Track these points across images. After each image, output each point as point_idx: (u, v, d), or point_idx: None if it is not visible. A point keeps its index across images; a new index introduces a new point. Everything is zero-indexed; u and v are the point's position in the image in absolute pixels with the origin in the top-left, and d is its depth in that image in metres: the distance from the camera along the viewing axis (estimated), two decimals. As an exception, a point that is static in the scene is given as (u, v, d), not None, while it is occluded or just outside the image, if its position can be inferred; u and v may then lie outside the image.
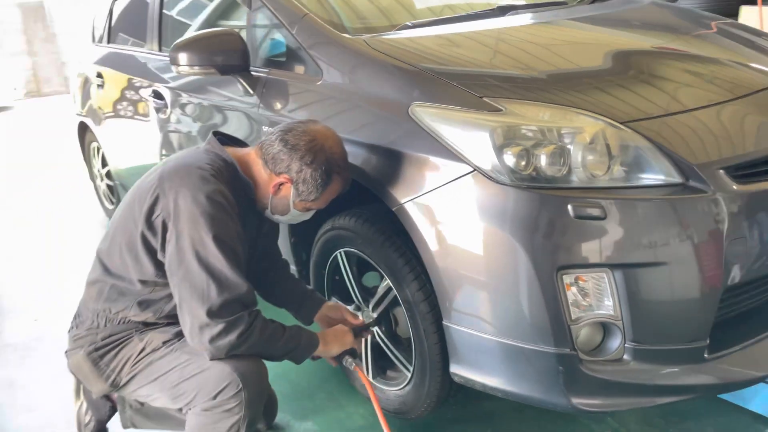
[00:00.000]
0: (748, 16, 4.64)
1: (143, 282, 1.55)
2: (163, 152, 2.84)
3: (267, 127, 2.02)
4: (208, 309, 1.43)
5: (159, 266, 1.52)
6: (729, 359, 1.47)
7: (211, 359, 1.50)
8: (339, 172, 1.61)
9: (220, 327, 1.44)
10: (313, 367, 2.33)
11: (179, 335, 1.57)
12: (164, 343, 1.58)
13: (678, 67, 1.76)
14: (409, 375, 1.84)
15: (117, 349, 1.59)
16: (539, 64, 1.75)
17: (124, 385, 1.61)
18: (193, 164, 1.53)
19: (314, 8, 2.06)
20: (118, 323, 1.60)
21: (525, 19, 2.15)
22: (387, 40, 1.89)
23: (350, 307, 2.00)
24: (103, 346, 1.60)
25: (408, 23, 2.03)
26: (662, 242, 1.38)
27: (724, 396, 1.96)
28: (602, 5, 2.39)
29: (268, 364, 1.60)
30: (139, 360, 1.57)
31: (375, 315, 1.91)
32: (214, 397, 1.48)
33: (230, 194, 1.52)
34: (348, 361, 1.75)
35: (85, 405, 1.92)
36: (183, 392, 1.52)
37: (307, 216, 1.72)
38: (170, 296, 1.53)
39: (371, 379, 2.00)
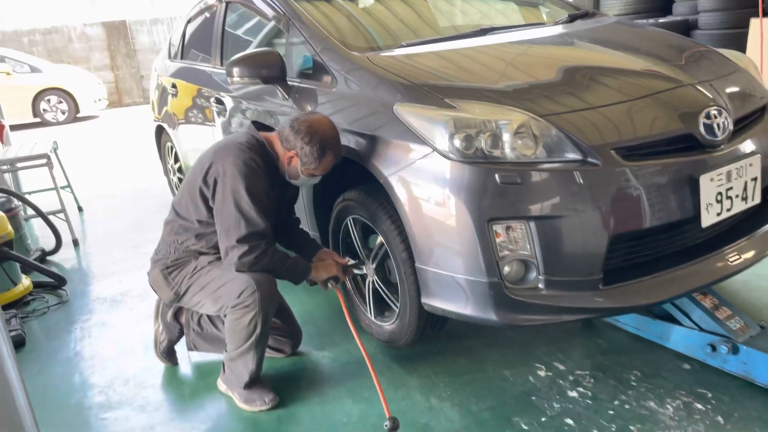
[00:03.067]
0: (755, 27, 4.98)
1: (200, 221, 2.27)
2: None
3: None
4: (238, 237, 2.13)
5: (210, 210, 2.23)
6: (619, 290, 1.98)
7: (237, 272, 2.17)
8: (331, 148, 2.23)
9: (244, 249, 2.13)
10: (332, 315, 2.95)
11: (219, 258, 2.24)
12: (209, 263, 2.26)
13: (601, 77, 2.27)
14: (397, 311, 2.41)
15: (180, 268, 2.29)
16: (496, 75, 2.31)
17: (183, 294, 2.28)
18: (235, 141, 2.24)
19: (333, 32, 2.68)
20: (183, 251, 2.30)
21: (501, 38, 2.69)
22: (384, 56, 2.48)
23: (355, 261, 2.60)
24: (172, 265, 2.31)
25: (403, 43, 2.62)
26: (563, 201, 1.91)
27: (647, 335, 2.44)
28: (572, 25, 2.91)
29: (299, 318, 2.35)
30: (193, 275, 2.27)
31: (361, 260, 2.55)
32: (238, 296, 2.14)
33: (261, 162, 2.20)
34: (332, 283, 2.37)
35: (161, 327, 2.60)
36: (220, 295, 2.18)
37: (314, 181, 2.38)
38: (216, 232, 2.20)
39: (373, 318, 2.58)
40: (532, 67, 2.38)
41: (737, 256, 2.16)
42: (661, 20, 6.63)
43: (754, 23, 5.01)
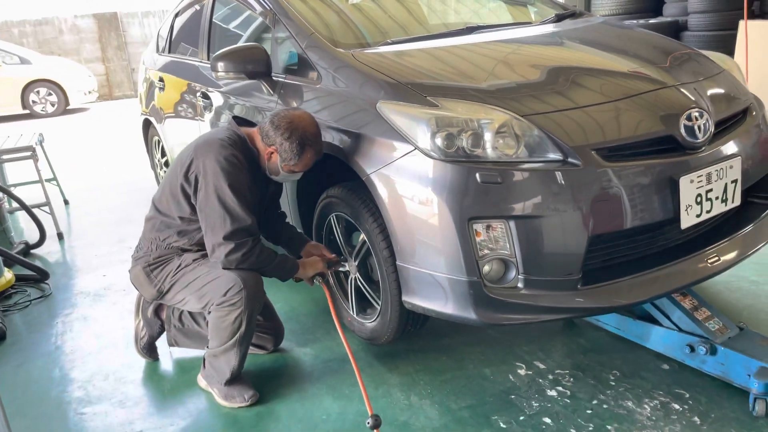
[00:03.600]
0: (743, 30, 5.00)
1: (182, 218, 2.25)
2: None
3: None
4: (224, 234, 2.11)
5: (192, 207, 2.20)
6: (599, 290, 1.98)
7: (224, 269, 2.14)
8: (311, 145, 2.22)
9: (231, 246, 2.12)
10: (316, 311, 2.94)
11: (204, 256, 2.22)
12: (194, 260, 2.24)
13: (584, 77, 2.27)
14: (379, 309, 2.41)
15: (163, 266, 2.27)
16: (480, 74, 2.30)
17: (167, 291, 2.26)
18: (215, 138, 2.22)
19: (320, 28, 2.67)
20: (165, 248, 2.28)
21: (487, 37, 2.69)
22: (368, 53, 2.48)
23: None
24: (154, 263, 2.28)
25: (388, 40, 2.62)
26: (543, 201, 1.91)
27: (627, 335, 2.46)
28: (559, 25, 2.91)
29: (282, 314, 2.30)
30: (177, 272, 2.24)
31: (344, 257, 2.54)
32: (224, 294, 2.12)
33: (243, 158, 2.18)
34: (318, 279, 2.37)
35: (142, 322, 2.59)
36: (205, 293, 2.16)
37: (295, 177, 2.36)
38: (199, 229, 2.19)
39: (355, 315, 2.58)
40: (517, 66, 2.38)
41: (717, 258, 2.17)
42: (652, 21, 6.66)
43: (742, 25, 5.03)
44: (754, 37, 4.84)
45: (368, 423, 1.98)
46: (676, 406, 2.10)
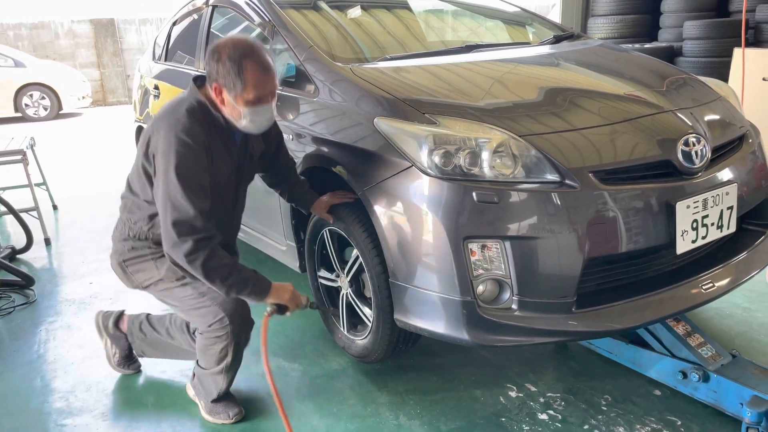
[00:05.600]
0: (738, 56, 5.05)
1: (147, 201, 2.07)
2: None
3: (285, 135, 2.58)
4: (167, 224, 1.87)
5: None
6: (592, 314, 1.96)
7: (174, 264, 1.93)
8: (247, 56, 1.87)
9: (172, 240, 1.86)
10: (305, 326, 2.90)
11: (189, 274, 2.00)
12: (177, 279, 2.12)
13: (582, 99, 2.27)
14: (370, 326, 2.38)
15: (138, 265, 2.16)
16: (478, 92, 2.29)
17: (148, 290, 2.20)
18: (171, 109, 1.97)
19: (318, 42, 2.66)
20: (137, 235, 2.13)
21: (486, 56, 2.69)
22: (367, 68, 2.46)
23: (331, 275, 2.56)
24: (129, 259, 2.18)
25: (387, 56, 2.61)
26: (539, 222, 1.90)
27: (620, 360, 2.43)
28: (557, 46, 2.92)
29: (271, 329, 2.13)
30: (159, 288, 2.16)
31: (315, 305, 2.26)
32: (209, 326, 2.07)
33: (201, 131, 1.92)
34: (272, 309, 2.06)
35: (108, 340, 2.52)
36: (190, 317, 2.12)
37: (263, 115, 1.97)
38: None
39: (345, 332, 2.54)
40: (515, 86, 2.37)
41: (711, 284, 2.15)
42: (647, 46, 6.71)
43: (737, 53, 5.08)
44: (749, 65, 4.88)
45: None
46: (668, 434, 2.08)
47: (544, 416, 2.20)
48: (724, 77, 5.26)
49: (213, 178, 1.97)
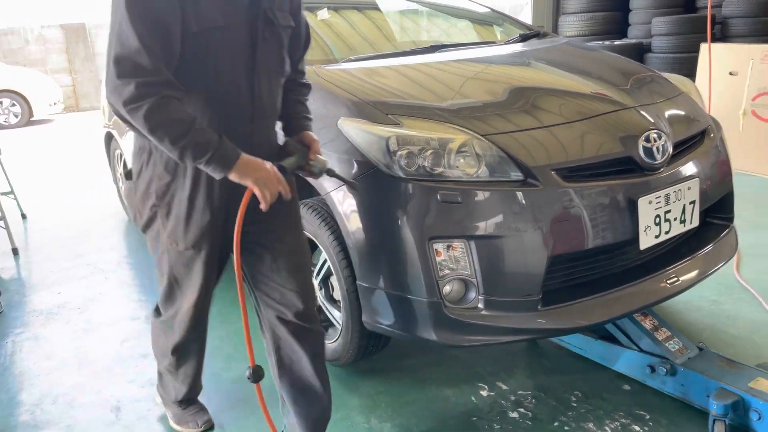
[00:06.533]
0: (705, 52, 5.12)
1: None
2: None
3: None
4: (109, 63, 1.48)
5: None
6: (559, 311, 1.97)
7: (118, 117, 1.54)
8: None
9: (113, 83, 1.47)
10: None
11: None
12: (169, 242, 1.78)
13: (545, 97, 2.27)
14: (340, 329, 2.36)
15: (157, 206, 1.74)
16: (443, 92, 2.29)
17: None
18: None
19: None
20: (150, 154, 1.69)
21: (452, 56, 2.69)
22: (332, 69, 2.45)
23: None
24: (154, 193, 1.73)
25: (352, 57, 2.59)
26: (503, 221, 1.90)
27: (590, 355, 2.45)
28: (523, 45, 2.93)
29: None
30: (158, 244, 1.82)
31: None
32: (163, 308, 1.99)
33: None
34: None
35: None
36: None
37: None
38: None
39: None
40: (480, 85, 2.37)
41: (676, 278, 2.18)
42: (617, 42, 6.78)
43: (704, 48, 5.15)
44: (715, 60, 4.95)
45: (247, 375, 1.70)
46: (637, 428, 2.09)
47: (514, 414, 2.21)
48: (693, 72, 5.32)
49: (198, 26, 1.52)
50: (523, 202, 1.92)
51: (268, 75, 1.70)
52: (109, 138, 4.66)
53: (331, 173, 1.81)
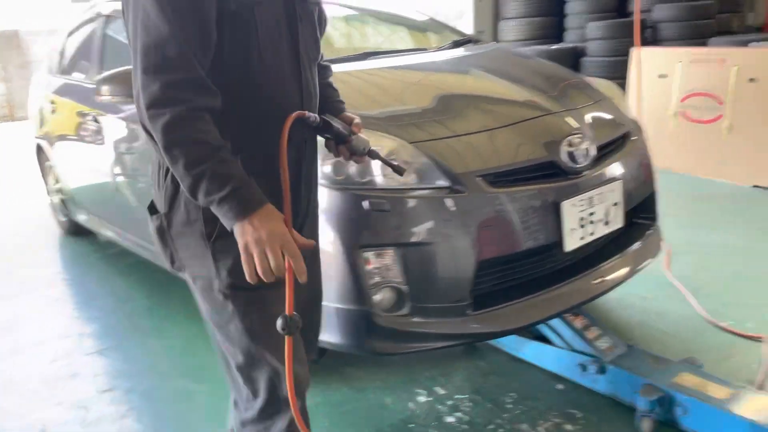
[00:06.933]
0: (635, 55, 5.29)
1: None
2: (103, 169, 3.32)
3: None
4: (136, 53, 1.21)
5: None
6: (489, 315, 2.00)
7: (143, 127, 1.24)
8: None
9: (140, 80, 1.19)
10: (209, 346, 2.83)
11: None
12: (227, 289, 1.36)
13: (473, 104, 2.31)
14: (275, 340, 2.33)
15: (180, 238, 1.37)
16: (371, 100, 2.29)
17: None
18: None
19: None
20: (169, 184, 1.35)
21: (382, 63, 2.69)
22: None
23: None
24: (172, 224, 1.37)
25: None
26: (431, 228, 1.91)
27: (525, 356, 2.49)
28: (454, 51, 2.96)
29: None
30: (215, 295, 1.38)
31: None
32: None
33: None
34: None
35: None
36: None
37: None
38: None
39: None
40: (409, 92, 2.39)
41: (603, 278, 2.23)
42: (553, 47, 6.94)
43: (634, 52, 5.32)
44: (645, 63, 5.12)
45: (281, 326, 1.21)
46: (569, 427, 2.13)
47: (451, 419, 2.22)
48: (625, 76, 5.49)
49: (237, 1, 1.26)
50: (450, 208, 1.93)
51: (308, 57, 1.44)
52: (39, 150, 4.50)
53: (373, 155, 1.52)
